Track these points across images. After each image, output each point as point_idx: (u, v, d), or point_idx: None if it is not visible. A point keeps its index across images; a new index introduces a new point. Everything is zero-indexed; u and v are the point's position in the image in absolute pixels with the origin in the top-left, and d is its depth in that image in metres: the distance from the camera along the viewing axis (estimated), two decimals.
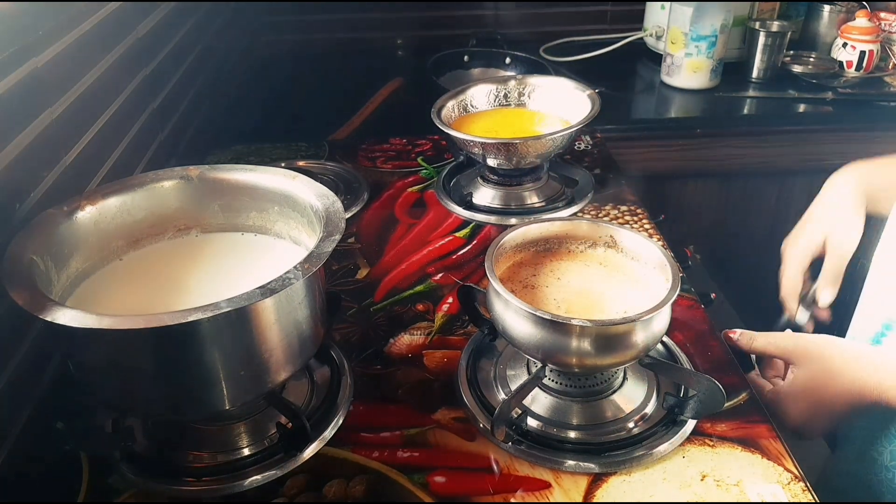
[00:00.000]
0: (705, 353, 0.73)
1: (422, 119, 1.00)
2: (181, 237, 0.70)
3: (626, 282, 0.67)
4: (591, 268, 0.69)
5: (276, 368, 0.58)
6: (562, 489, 0.59)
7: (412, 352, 0.75)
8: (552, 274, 0.69)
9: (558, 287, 0.67)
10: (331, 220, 0.60)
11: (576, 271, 0.69)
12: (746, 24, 1.46)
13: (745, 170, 1.37)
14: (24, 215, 0.64)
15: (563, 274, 0.69)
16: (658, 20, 1.52)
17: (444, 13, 1.70)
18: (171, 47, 1.10)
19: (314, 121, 1.34)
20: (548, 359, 0.62)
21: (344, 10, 1.67)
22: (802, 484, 0.59)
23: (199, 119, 1.22)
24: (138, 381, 0.55)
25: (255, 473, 0.60)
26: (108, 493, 0.60)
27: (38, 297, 0.51)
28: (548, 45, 1.63)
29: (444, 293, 0.84)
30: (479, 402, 0.67)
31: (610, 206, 0.99)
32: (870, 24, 1.44)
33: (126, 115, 0.91)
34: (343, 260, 0.90)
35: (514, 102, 1.07)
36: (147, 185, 0.67)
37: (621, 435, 0.63)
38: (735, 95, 1.42)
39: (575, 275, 0.69)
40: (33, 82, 0.67)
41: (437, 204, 1.02)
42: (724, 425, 0.64)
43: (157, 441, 0.64)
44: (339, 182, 1.07)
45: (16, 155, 0.64)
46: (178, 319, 0.49)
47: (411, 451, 0.63)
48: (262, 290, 0.51)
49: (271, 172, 0.68)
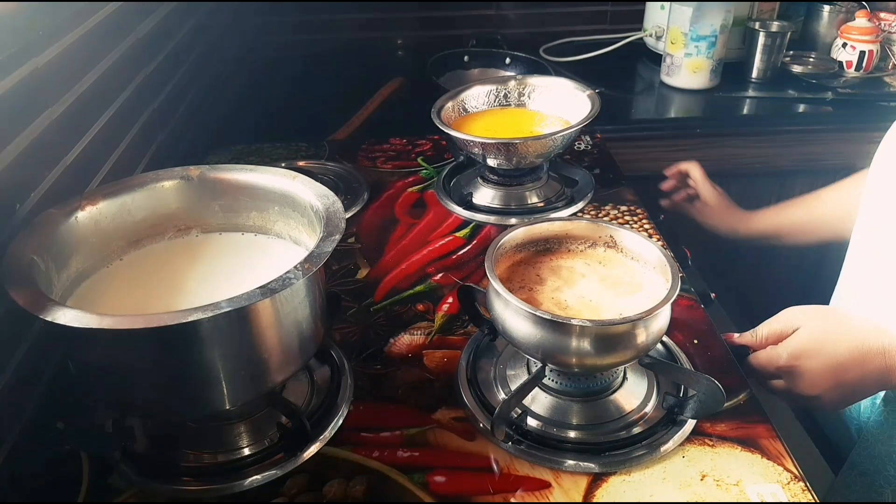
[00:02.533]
0: (705, 353, 0.73)
1: (422, 119, 1.00)
2: (181, 237, 0.70)
3: (626, 282, 0.67)
4: (591, 268, 0.69)
5: (276, 368, 0.58)
6: (562, 489, 0.59)
7: (412, 352, 0.75)
8: (552, 274, 0.69)
9: (558, 287, 0.67)
10: (331, 220, 0.60)
11: (576, 271, 0.69)
12: (746, 24, 1.46)
13: (745, 170, 1.37)
14: (24, 215, 0.64)
15: (562, 274, 0.69)
16: (658, 20, 1.52)
17: (444, 13, 1.70)
18: (171, 48, 1.10)
19: (314, 121, 1.34)
20: (548, 359, 0.62)
21: (344, 10, 1.67)
22: (802, 484, 0.59)
23: (199, 119, 1.21)
24: (138, 380, 0.55)
25: (255, 473, 0.60)
26: (108, 493, 0.60)
27: (39, 297, 0.51)
28: (548, 45, 1.63)
29: (444, 293, 0.84)
30: (479, 402, 0.67)
31: (610, 206, 0.99)
32: (869, 24, 1.44)
33: (126, 116, 0.91)
34: (343, 260, 0.90)
35: (514, 102, 1.07)
36: (147, 185, 0.67)
37: (621, 435, 0.63)
38: (735, 95, 1.42)
39: (575, 275, 0.69)
40: (33, 82, 0.67)
41: (437, 204, 1.02)
42: (723, 425, 0.64)
43: (157, 441, 0.64)
44: (339, 182, 1.07)
45: (16, 155, 0.64)
46: (178, 319, 0.49)
47: (411, 451, 0.63)
48: (263, 290, 0.52)
49: (271, 172, 0.68)
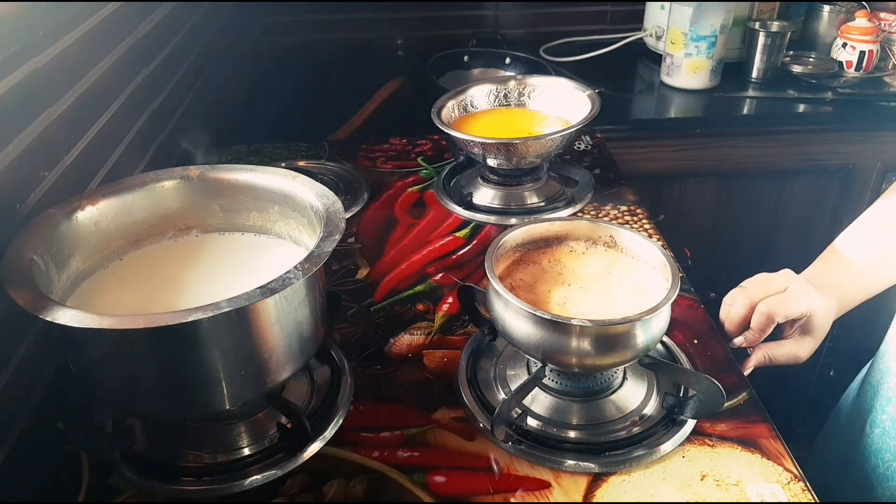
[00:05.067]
0: (705, 353, 0.73)
1: (422, 119, 1.00)
2: (181, 237, 0.70)
3: (626, 282, 0.67)
4: (591, 268, 0.69)
5: (276, 368, 0.58)
6: (562, 489, 0.59)
7: (412, 352, 0.75)
8: (552, 274, 0.69)
9: (558, 287, 0.67)
10: (331, 220, 0.60)
11: (576, 271, 0.69)
12: (746, 24, 1.46)
13: (745, 170, 1.37)
14: (24, 215, 0.64)
15: (562, 274, 0.69)
16: (658, 20, 1.52)
17: (444, 13, 1.70)
18: (171, 47, 1.10)
19: (314, 121, 1.34)
20: (548, 359, 0.62)
21: (344, 10, 1.67)
22: (802, 484, 0.59)
23: (200, 119, 1.21)
24: (138, 381, 0.55)
25: (255, 473, 0.60)
26: (108, 493, 0.60)
27: (39, 297, 0.51)
28: (548, 45, 1.63)
29: (444, 293, 0.84)
30: (479, 402, 0.67)
31: (610, 206, 0.99)
32: (869, 24, 1.44)
33: (126, 115, 0.91)
34: (343, 260, 0.90)
35: (514, 102, 1.07)
36: (147, 185, 0.67)
37: (621, 435, 0.63)
38: (735, 95, 1.42)
39: (575, 275, 0.69)
40: (33, 82, 0.67)
41: (437, 204, 1.02)
42: (723, 425, 0.64)
43: (157, 441, 0.64)
44: (339, 182, 1.07)
45: (16, 155, 0.64)
46: (179, 319, 0.49)
47: (411, 451, 0.63)
48: (263, 290, 0.52)
49: (271, 172, 0.68)
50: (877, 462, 0.75)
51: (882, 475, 0.74)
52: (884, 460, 0.74)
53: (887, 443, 0.74)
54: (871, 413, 0.76)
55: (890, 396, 0.74)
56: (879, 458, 0.74)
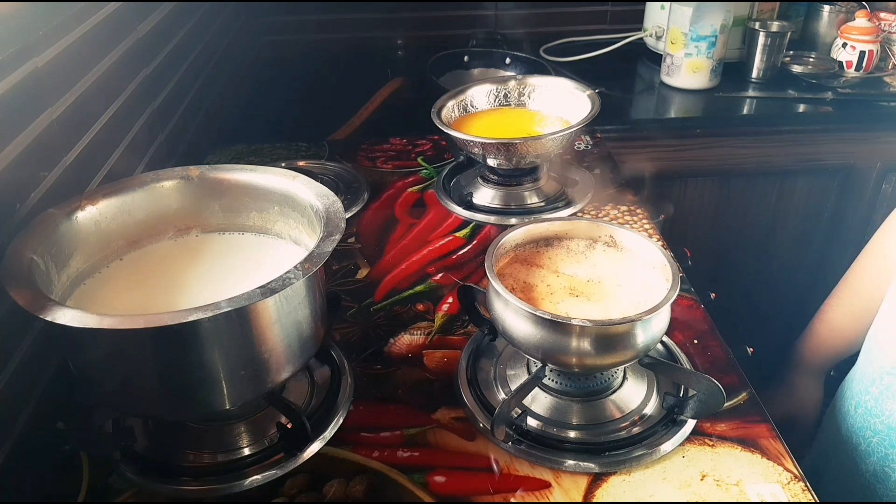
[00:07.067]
0: (705, 353, 0.73)
1: (422, 119, 1.00)
2: (181, 237, 0.70)
3: (626, 282, 0.67)
4: (591, 268, 0.69)
5: (276, 368, 0.58)
6: (562, 489, 0.59)
7: (412, 352, 0.75)
8: (552, 274, 0.69)
9: (558, 287, 0.67)
10: (331, 220, 0.60)
11: (575, 271, 0.69)
12: (746, 24, 1.46)
13: (745, 170, 1.37)
14: (24, 215, 0.64)
15: (562, 274, 0.69)
16: (658, 20, 1.52)
17: (444, 13, 1.70)
18: (171, 47, 1.10)
19: (314, 121, 1.34)
20: (548, 359, 0.62)
21: (344, 10, 1.67)
22: (802, 484, 0.59)
23: (199, 119, 1.21)
24: (138, 381, 0.55)
25: (255, 473, 0.60)
26: (108, 493, 0.60)
27: (39, 297, 0.51)
28: (548, 45, 1.63)
29: (444, 293, 0.84)
30: (479, 402, 0.67)
31: (610, 206, 0.99)
32: (869, 24, 1.44)
33: (126, 115, 0.91)
34: (343, 260, 0.90)
35: (514, 102, 1.07)
36: (147, 185, 0.67)
37: (621, 435, 0.63)
38: (735, 95, 1.42)
39: (575, 275, 0.69)
40: (33, 82, 0.67)
41: (437, 204, 1.02)
42: (723, 425, 0.64)
43: (157, 441, 0.64)
44: (339, 182, 1.07)
45: (16, 155, 0.64)
46: (179, 319, 0.49)
47: (411, 451, 0.63)
48: (263, 290, 0.52)
49: (271, 172, 0.68)
50: (858, 440, 0.77)
51: (864, 451, 0.76)
52: (864, 437, 0.76)
53: (869, 420, 0.76)
54: (856, 396, 0.79)
55: (874, 377, 0.76)
56: (861, 437, 0.77)
